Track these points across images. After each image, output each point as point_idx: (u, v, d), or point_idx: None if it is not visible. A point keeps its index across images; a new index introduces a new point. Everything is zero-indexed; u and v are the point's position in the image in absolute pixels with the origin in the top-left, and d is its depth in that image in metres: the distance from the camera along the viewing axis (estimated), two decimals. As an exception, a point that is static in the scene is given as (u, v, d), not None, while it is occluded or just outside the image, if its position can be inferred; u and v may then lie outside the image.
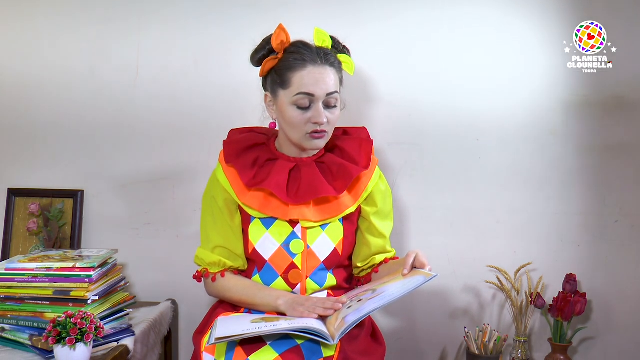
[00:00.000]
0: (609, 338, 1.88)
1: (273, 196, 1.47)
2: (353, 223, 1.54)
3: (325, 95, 1.42)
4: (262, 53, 1.48)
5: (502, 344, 1.76)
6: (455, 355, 1.92)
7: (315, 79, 1.41)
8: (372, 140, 1.57)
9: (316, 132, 1.44)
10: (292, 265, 1.47)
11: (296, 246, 1.47)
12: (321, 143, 1.47)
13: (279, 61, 1.45)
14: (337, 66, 1.47)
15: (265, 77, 1.51)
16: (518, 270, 1.84)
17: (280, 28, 1.45)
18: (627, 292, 1.86)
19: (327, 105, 1.44)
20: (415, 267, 1.37)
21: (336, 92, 1.45)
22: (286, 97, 1.44)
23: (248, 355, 1.25)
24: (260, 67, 1.49)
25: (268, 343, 1.27)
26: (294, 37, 1.48)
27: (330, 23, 1.71)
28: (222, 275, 1.50)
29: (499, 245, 1.88)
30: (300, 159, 1.52)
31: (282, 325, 1.27)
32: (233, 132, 1.61)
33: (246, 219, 1.50)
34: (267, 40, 1.47)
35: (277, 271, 1.48)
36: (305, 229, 1.48)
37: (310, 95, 1.41)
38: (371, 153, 1.55)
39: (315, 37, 1.49)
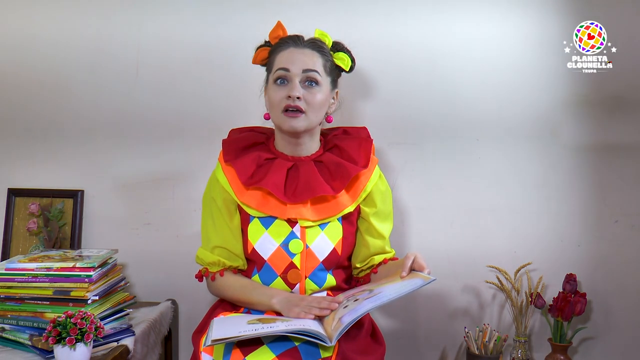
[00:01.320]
0: (609, 338, 1.88)
1: (271, 195, 1.46)
2: (352, 224, 1.53)
3: (302, 72, 1.43)
4: (259, 46, 1.54)
5: (502, 344, 1.76)
6: (455, 355, 1.92)
7: (293, 56, 1.45)
8: (372, 140, 1.56)
9: (290, 107, 1.43)
10: (291, 265, 1.47)
11: (295, 246, 1.47)
12: (297, 123, 1.44)
13: (269, 51, 1.50)
14: (324, 52, 1.48)
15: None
16: (518, 270, 1.84)
17: (278, 25, 1.51)
18: (627, 292, 1.86)
19: (307, 85, 1.44)
20: (413, 270, 1.36)
21: (315, 71, 1.45)
22: (271, 78, 1.48)
23: (245, 356, 1.25)
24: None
25: (265, 344, 1.27)
26: (295, 37, 1.50)
27: (331, 23, 1.71)
28: (221, 275, 1.50)
29: (499, 245, 1.88)
30: (299, 157, 1.51)
31: (278, 327, 1.26)
32: (233, 132, 1.62)
33: (245, 219, 1.50)
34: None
35: (276, 271, 1.47)
36: (304, 228, 1.47)
37: (285, 70, 1.44)
38: (370, 152, 1.54)
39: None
